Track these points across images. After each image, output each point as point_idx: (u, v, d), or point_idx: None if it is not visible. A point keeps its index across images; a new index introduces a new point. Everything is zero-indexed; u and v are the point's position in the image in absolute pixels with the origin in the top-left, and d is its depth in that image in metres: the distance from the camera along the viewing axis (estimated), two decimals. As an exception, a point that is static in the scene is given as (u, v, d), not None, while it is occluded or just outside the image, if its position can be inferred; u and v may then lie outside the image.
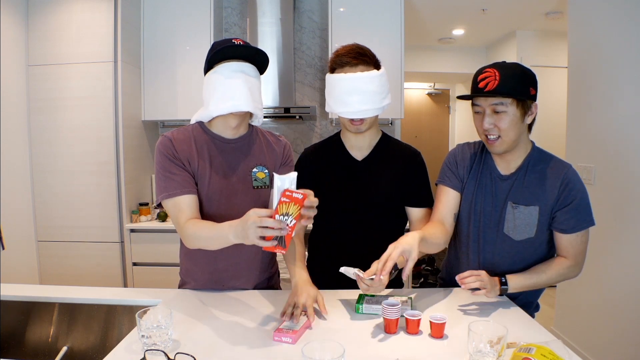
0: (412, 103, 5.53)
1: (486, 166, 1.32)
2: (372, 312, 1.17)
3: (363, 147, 1.44)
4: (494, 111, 1.19)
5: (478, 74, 1.22)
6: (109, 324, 1.28)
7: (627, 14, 2.21)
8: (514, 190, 1.27)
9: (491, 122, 1.19)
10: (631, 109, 2.18)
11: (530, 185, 1.25)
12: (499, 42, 4.30)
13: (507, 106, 1.18)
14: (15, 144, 2.57)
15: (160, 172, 1.23)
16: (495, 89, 1.16)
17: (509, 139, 1.20)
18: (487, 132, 1.21)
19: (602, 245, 2.35)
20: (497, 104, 1.18)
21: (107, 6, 2.60)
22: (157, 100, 2.90)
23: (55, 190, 2.69)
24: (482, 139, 1.28)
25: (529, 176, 1.26)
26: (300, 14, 3.24)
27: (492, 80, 1.17)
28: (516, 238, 1.27)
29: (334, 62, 1.35)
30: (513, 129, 1.19)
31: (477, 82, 1.20)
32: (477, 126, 1.26)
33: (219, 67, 1.21)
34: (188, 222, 1.17)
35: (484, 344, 0.88)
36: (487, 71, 1.19)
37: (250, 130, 1.36)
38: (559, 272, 1.26)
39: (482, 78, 1.19)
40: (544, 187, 1.24)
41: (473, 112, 1.27)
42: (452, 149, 1.43)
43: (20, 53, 2.60)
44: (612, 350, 2.28)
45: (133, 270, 2.73)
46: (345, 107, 1.31)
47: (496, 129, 1.19)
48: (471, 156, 1.36)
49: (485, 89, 1.17)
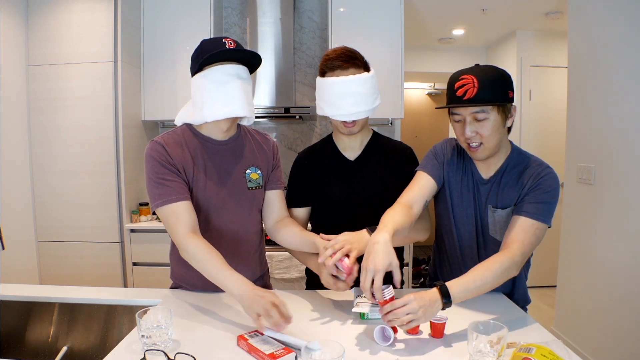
0: (412, 103, 5.53)
1: (468, 169, 1.30)
2: (377, 317, 1.15)
3: (355, 147, 1.46)
4: (475, 119, 1.14)
5: (454, 81, 1.16)
6: (109, 324, 1.28)
7: (627, 14, 2.21)
8: (492, 194, 1.26)
9: (473, 130, 1.15)
10: (631, 109, 2.18)
11: (506, 188, 1.23)
12: (499, 42, 4.31)
13: (489, 113, 1.13)
14: (15, 144, 2.57)
15: (153, 178, 1.19)
16: (475, 97, 1.11)
17: (492, 145, 1.17)
18: (469, 140, 1.17)
19: (602, 245, 2.35)
20: (478, 111, 1.13)
21: (107, 6, 2.60)
22: (157, 100, 2.90)
23: (55, 190, 2.69)
24: (463, 146, 1.23)
25: (505, 179, 1.24)
26: (300, 14, 3.24)
27: (470, 87, 1.12)
28: (501, 239, 1.26)
29: (324, 65, 1.35)
30: (495, 134, 1.16)
31: (455, 90, 1.14)
32: (457, 135, 1.22)
33: (212, 70, 1.18)
34: (192, 239, 1.13)
35: (484, 344, 0.88)
36: (464, 78, 1.13)
37: (238, 131, 1.35)
38: (501, 265, 1.08)
39: (460, 86, 1.13)
40: (515, 187, 1.22)
41: (451, 120, 1.21)
42: (438, 143, 1.38)
43: (20, 53, 2.60)
44: (612, 350, 2.28)
45: (133, 270, 2.73)
46: (338, 110, 1.32)
47: (478, 137, 1.16)
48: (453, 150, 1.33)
49: (465, 96, 1.12)
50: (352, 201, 1.42)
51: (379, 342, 1.01)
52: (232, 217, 1.29)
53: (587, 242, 2.44)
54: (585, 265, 2.50)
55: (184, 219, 1.16)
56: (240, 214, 1.31)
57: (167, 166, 1.19)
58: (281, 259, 2.64)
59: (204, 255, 1.11)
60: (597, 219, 2.40)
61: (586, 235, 2.48)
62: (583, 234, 2.50)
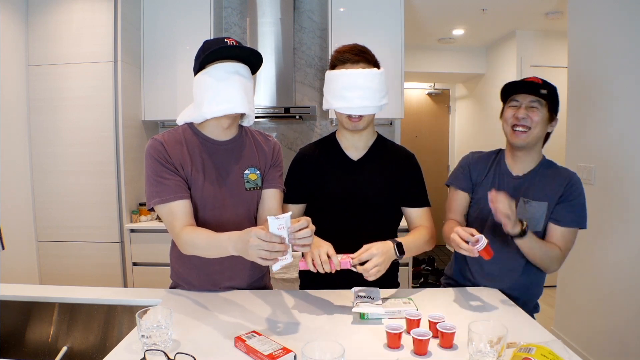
0: (412, 103, 5.53)
1: (500, 170, 1.44)
2: (377, 317, 1.15)
3: (359, 147, 1.44)
4: (530, 106, 1.33)
5: (518, 80, 1.38)
6: (109, 324, 1.28)
7: (627, 14, 2.21)
8: (525, 187, 1.38)
9: (526, 113, 1.32)
10: (631, 109, 2.18)
11: (540, 184, 1.37)
12: (499, 42, 4.31)
13: (542, 106, 1.32)
14: (15, 144, 2.57)
15: (152, 176, 1.20)
16: (540, 89, 1.32)
17: (536, 133, 1.33)
18: (518, 122, 1.33)
19: (602, 245, 2.35)
20: (535, 100, 1.32)
21: (107, 6, 2.60)
22: (157, 100, 2.90)
23: (55, 190, 2.69)
24: (507, 131, 1.38)
25: (539, 176, 1.38)
26: (300, 14, 3.24)
27: (537, 82, 1.34)
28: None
29: (335, 58, 1.35)
30: (541, 125, 1.33)
31: (520, 82, 1.36)
32: (506, 117, 1.37)
33: (212, 68, 1.19)
34: (184, 230, 1.16)
35: (484, 344, 0.88)
36: (532, 77, 1.36)
37: (240, 131, 1.34)
38: (551, 254, 1.32)
39: (527, 80, 1.35)
40: (552, 186, 1.35)
41: (507, 106, 1.39)
42: (465, 156, 1.53)
43: (20, 53, 2.60)
44: (612, 350, 2.28)
45: (133, 270, 2.73)
46: (345, 103, 1.31)
47: (529, 120, 1.32)
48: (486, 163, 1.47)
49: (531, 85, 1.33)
50: (351, 201, 1.41)
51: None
52: (230, 217, 1.29)
53: (587, 242, 2.44)
54: (585, 266, 2.50)
55: (180, 217, 1.18)
56: (238, 215, 1.31)
57: (165, 164, 1.20)
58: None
59: (194, 235, 1.14)
60: (597, 219, 2.40)
61: (586, 236, 2.47)
62: (583, 234, 2.48)
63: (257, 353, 0.92)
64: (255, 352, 0.93)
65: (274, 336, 1.03)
